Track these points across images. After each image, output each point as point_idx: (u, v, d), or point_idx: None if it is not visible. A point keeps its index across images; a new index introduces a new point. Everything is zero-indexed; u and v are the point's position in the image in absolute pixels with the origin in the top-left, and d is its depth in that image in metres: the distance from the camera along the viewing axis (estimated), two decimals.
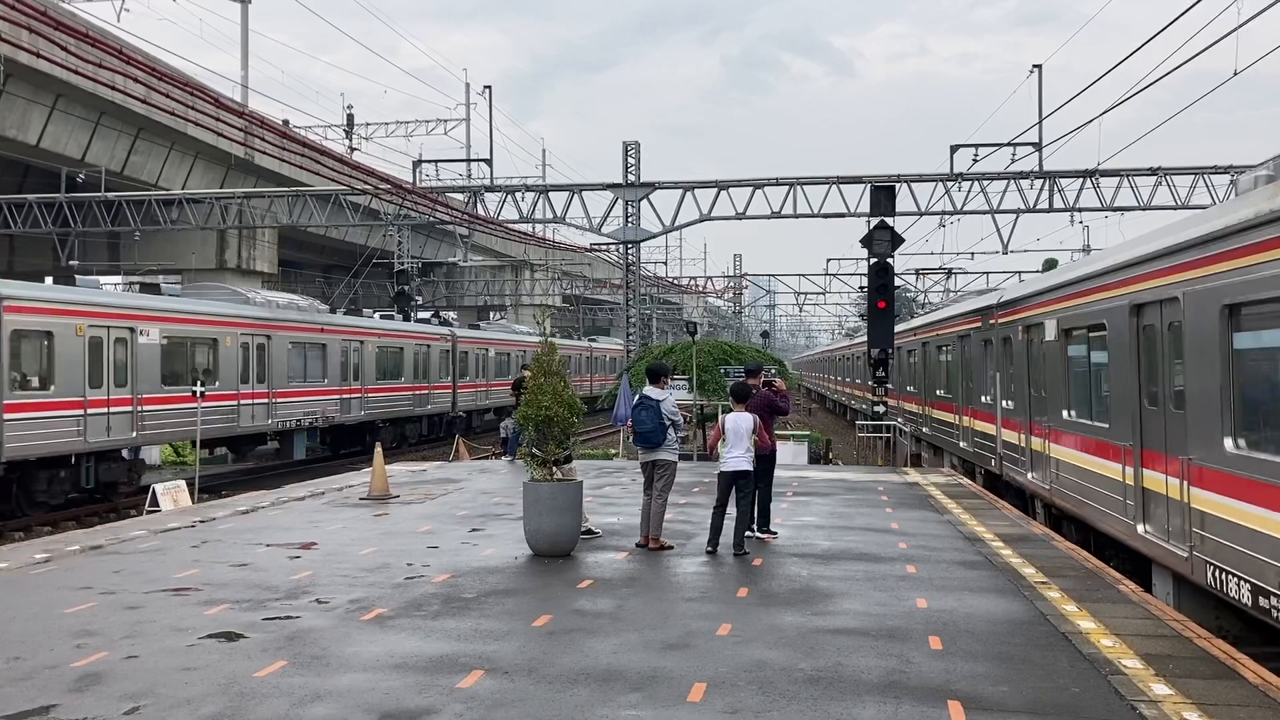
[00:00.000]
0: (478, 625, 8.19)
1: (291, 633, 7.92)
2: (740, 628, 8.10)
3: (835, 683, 6.74)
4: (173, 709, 6.15)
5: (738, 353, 26.16)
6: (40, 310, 20.07)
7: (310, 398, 29.94)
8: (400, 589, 9.53)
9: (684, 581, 10.05)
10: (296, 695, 6.41)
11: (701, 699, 6.38)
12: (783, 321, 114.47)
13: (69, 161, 33.09)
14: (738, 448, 11.32)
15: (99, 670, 6.94)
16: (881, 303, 26.02)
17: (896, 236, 26.57)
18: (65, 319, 20.59)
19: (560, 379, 11.51)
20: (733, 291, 75.74)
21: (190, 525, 13.53)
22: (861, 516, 14.26)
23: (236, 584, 9.74)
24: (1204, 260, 9.13)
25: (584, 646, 7.56)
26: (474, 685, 6.64)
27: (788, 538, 12.39)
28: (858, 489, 17.55)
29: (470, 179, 44.22)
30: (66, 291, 21.94)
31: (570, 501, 11.29)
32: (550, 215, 32.14)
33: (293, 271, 56.06)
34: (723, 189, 30.28)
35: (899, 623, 8.31)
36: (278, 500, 16.22)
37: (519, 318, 63.85)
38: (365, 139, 51.42)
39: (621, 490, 16.99)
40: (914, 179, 29.40)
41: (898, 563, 10.87)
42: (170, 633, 7.93)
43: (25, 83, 29.63)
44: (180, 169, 38.24)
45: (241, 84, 41.46)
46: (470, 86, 78.75)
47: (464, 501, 15.81)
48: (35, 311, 19.82)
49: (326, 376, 30.83)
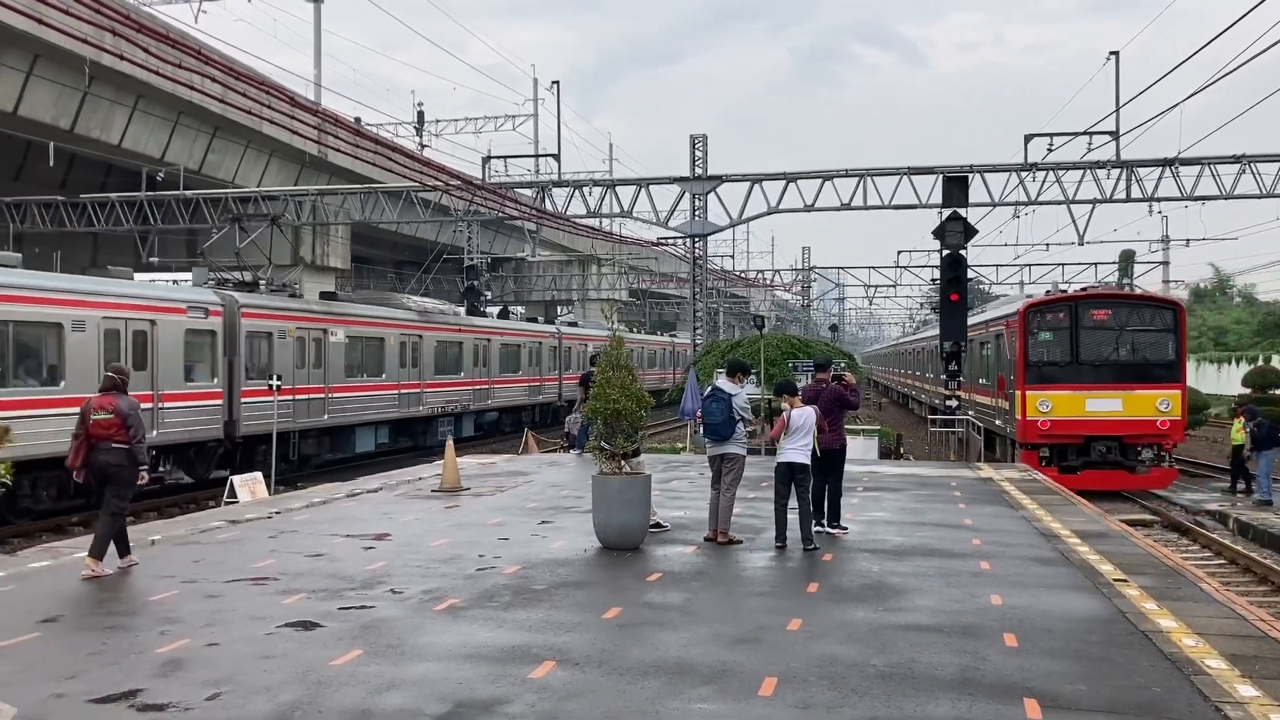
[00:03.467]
0: (548, 616, 8.24)
1: (366, 622, 8.05)
2: (811, 623, 8.06)
3: (908, 679, 6.67)
4: (252, 695, 6.29)
5: (806, 347, 25.99)
6: (265, 316, 24.88)
7: (451, 389, 34.71)
8: (472, 580, 9.63)
9: (753, 576, 10.02)
10: (372, 684, 6.52)
11: (773, 693, 6.35)
12: (852, 315, 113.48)
13: (149, 160, 33.93)
14: (797, 440, 11.27)
15: (181, 657, 7.12)
16: (954, 295, 25.65)
17: (969, 228, 26.17)
18: (282, 323, 25.53)
19: (628, 373, 11.53)
20: (801, 285, 75.19)
21: (267, 516, 13.80)
22: (933, 512, 14.09)
23: (313, 574, 9.93)
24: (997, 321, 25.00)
25: (654, 639, 7.58)
26: (546, 676, 6.69)
27: (858, 533, 12.29)
28: (929, 484, 17.34)
29: (538, 174, 44.50)
30: (285, 300, 26.63)
31: (639, 495, 11.31)
32: (617, 209, 32.24)
33: (364, 267, 56.92)
34: (791, 181, 30.10)
35: (973, 619, 8.20)
36: (351, 492, 16.48)
37: (586, 313, 64.10)
38: (435, 136, 52.02)
39: (689, 485, 16.99)
40: (987, 169, 28.96)
41: (971, 559, 10.73)
42: (249, 621, 8.11)
43: (108, 84, 30.44)
44: (255, 167, 39.00)
45: (315, 82, 42.17)
46: (538, 82, 79.11)
47: (533, 494, 15.93)
48: (260, 317, 24.56)
49: (462, 370, 35.51)
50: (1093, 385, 21.91)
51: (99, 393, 10.52)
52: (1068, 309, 22.64)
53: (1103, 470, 21.76)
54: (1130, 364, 22.10)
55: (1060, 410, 21.72)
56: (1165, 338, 22.18)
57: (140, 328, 20.95)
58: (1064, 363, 22.28)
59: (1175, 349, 22.11)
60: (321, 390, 26.73)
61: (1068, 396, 21.81)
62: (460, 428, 35.13)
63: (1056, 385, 22.01)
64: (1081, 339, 22.31)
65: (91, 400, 10.41)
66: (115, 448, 10.16)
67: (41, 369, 19.07)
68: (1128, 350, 22.28)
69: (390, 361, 30.26)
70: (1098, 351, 22.31)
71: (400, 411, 30.83)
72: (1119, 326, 22.32)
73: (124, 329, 20.52)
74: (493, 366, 37.47)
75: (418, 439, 32.34)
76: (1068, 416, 21.74)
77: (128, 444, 10.18)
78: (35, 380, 18.84)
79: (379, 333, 29.89)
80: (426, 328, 32.65)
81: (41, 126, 29.95)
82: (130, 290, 21.33)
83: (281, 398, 23.27)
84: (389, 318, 30.76)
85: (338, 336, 27.63)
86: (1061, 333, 22.45)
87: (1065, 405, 21.73)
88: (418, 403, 31.82)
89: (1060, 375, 22.13)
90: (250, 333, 24.15)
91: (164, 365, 21.50)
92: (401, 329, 31.12)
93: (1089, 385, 21.92)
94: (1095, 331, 22.33)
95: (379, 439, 29.90)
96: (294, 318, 25.88)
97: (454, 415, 34.55)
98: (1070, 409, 21.76)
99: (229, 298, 23.77)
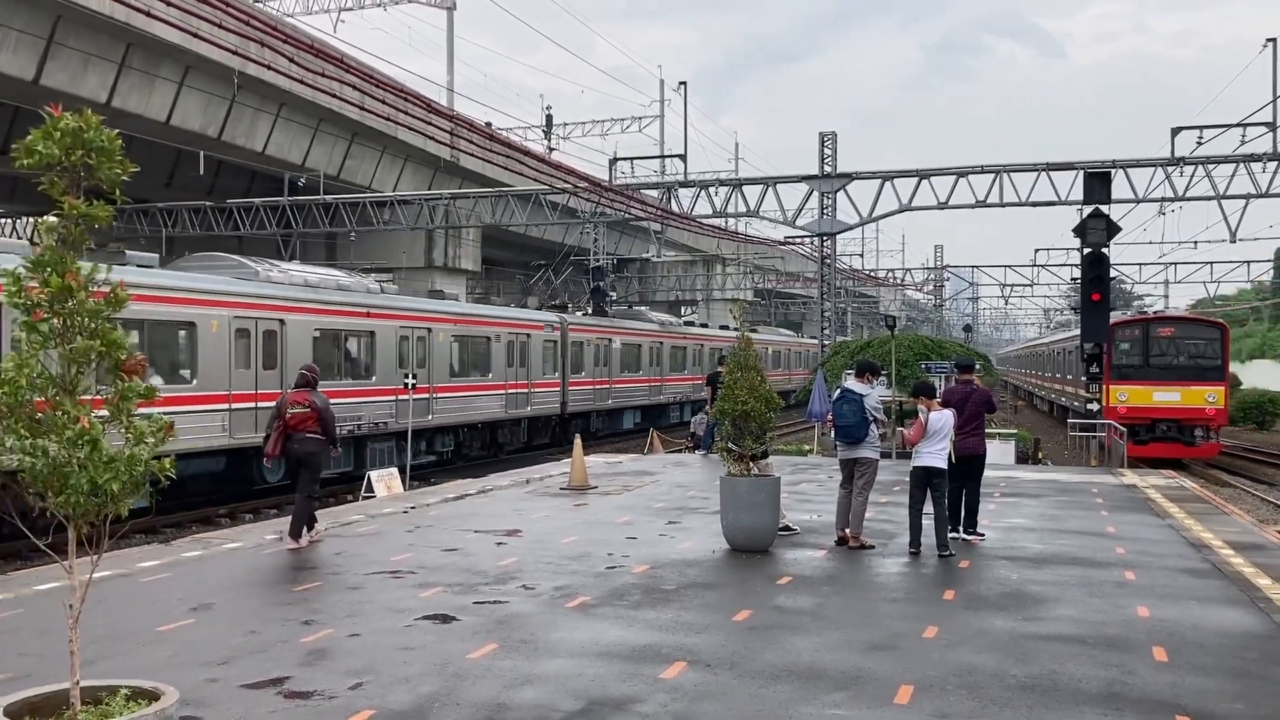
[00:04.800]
0: (678, 617, 8.24)
1: (501, 617, 8.19)
2: (947, 631, 7.87)
3: (1051, 691, 6.45)
4: (392, 686, 6.45)
5: (939, 348, 25.44)
6: (579, 330, 34.14)
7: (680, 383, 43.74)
8: (602, 578, 9.70)
9: (886, 581, 9.84)
10: (507, 678, 6.61)
11: (909, 701, 6.22)
12: (985, 315, 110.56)
13: (290, 166, 35.22)
14: (934, 444, 11.01)
15: (325, 647, 7.35)
16: (1096, 295, 24.73)
17: (1112, 225, 25.19)
18: (588, 335, 34.47)
19: (757, 373, 11.45)
20: (933, 284, 73.64)
21: (403, 511, 14.17)
22: (1074, 519, 13.62)
23: (448, 568, 10.14)
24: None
25: (785, 643, 7.50)
26: (677, 677, 6.68)
27: (995, 540, 11.96)
28: (1069, 490, 16.77)
29: (664, 175, 44.62)
30: (586, 319, 35.77)
31: (768, 497, 11.22)
32: (743, 209, 32.09)
33: (494, 269, 57.97)
34: (924, 178, 29.49)
35: (1118, 631, 7.89)
36: (483, 489, 16.81)
37: (710, 313, 63.97)
38: (563, 139, 52.70)
39: (818, 487, 16.80)
40: (1130, 164, 27.86)
41: (1115, 568, 10.32)
42: (388, 613, 8.33)
43: (253, 93, 31.70)
44: (391, 171, 40.11)
45: (447, 88, 43.16)
46: (664, 83, 79.75)
47: (660, 494, 15.97)
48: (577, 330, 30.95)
49: (685, 368, 44.32)
50: (1158, 382, 28.51)
51: (293, 389, 11.81)
52: (1141, 327, 30.01)
53: (1165, 443, 28.12)
54: (1186, 367, 28.79)
55: (1134, 400, 28.35)
56: (1213, 348, 29.01)
57: (522, 339, 30.62)
58: (1138, 365, 29.07)
59: (1220, 357, 28.95)
60: (606, 382, 36.54)
61: (1140, 390, 28.46)
62: (683, 413, 43.82)
63: (1132, 381, 28.72)
64: (1151, 348, 29.18)
65: (287, 395, 11.76)
66: (309, 437, 11.48)
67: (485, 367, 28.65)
68: (1185, 358, 29.00)
69: (645, 361, 40.22)
70: (1163, 358, 29.07)
71: (649, 399, 40.64)
72: (1178, 340, 29.26)
73: (515, 339, 30.15)
74: (705, 364, 44.95)
75: (655, 421, 39.39)
76: (1140, 404, 28.22)
77: (320, 434, 11.49)
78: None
79: (637, 340, 39.93)
80: (664, 335, 42.75)
81: (191, 135, 31.40)
82: (513, 314, 32.07)
83: (584, 388, 34.05)
84: (641, 329, 40.89)
85: (615, 344, 37.42)
86: (1137, 343, 29.39)
87: (1138, 396, 28.32)
88: (659, 393, 42.00)
89: (1135, 374, 28.89)
90: (573, 342, 33.73)
91: (534, 363, 30.78)
92: (649, 337, 41.14)
93: (1156, 382, 28.55)
94: (1161, 343, 29.24)
95: (635, 419, 39.50)
96: (593, 330, 35.82)
97: (679, 404, 43.88)
98: (1142, 399, 28.32)
99: (562, 318, 33.83)
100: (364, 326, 23.79)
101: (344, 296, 23.47)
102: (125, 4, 25.08)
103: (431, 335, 26.01)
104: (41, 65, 25.93)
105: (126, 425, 4.49)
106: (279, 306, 21.33)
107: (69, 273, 4.43)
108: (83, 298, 4.42)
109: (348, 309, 23.34)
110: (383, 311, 24.49)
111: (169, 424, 4.59)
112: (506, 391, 29.36)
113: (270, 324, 21.05)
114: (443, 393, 26.26)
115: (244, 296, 20.59)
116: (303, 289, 22.37)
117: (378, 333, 24.12)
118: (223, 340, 19.80)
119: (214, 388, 19.47)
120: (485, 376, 28.47)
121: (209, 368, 19.46)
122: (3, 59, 25.06)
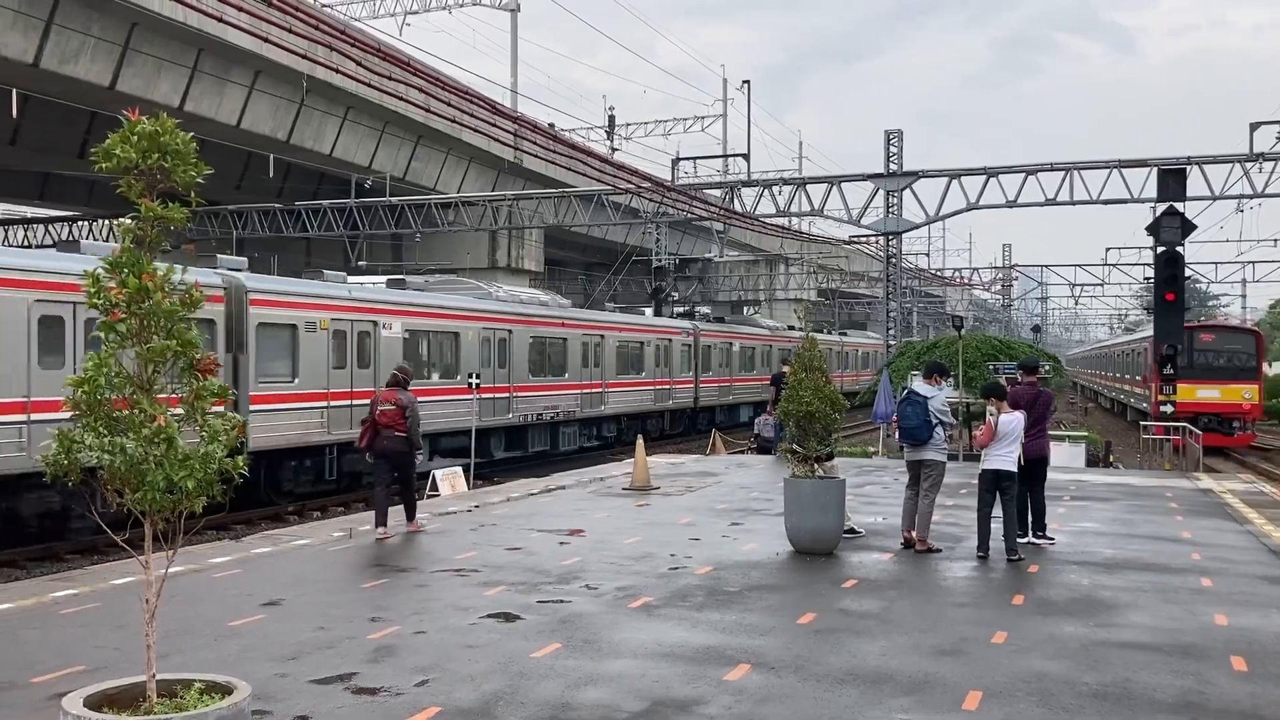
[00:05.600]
0: (742, 619, 8.20)
1: (564, 616, 8.21)
2: (1016, 636, 7.73)
3: (1124, 699, 6.31)
4: (458, 684, 6.49)
5: (1007, 348, 25.04)
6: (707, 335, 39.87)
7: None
8: (665, 579, 9.68)
9: (954, 586, 9.70)
10: (571, 678, 6.63)
11: (977, 708, 6.12)
12: (1055, 315, 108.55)
13: (357, 169, 35.70)
14: (1004, 447, 10.83)
15: (392, 643, 7.43)
16: (1170, 295, 24.12)
17: (1187, 223, 24.57)
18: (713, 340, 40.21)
19: (822, 374, 11.35)
20: (1001, 284, 72.51)
21: (468, 510, 14.28)
22: (1147, 524, 13.31)
23: (512, 567, 10.20)
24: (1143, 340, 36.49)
25: (851, 647, 7.43)
26: (741, 679, 6.64)
27: (1065, 544, 11.73)
28: (1142, 494, 16.41)
29: (727, 174, 44.49)
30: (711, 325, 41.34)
31: (833, 499, 11.12)
32: (807, 208, 31.87)
33: (556, 269, 58.22)
34: (992, 176, 29.05)
35: (1194, 639, 7.69)
36: (546, 488, 16.88)
37: (773, 312, 63.63)
38: (625, 139, 52.79)
39: (883, 489, 16.62)
40: (1207, 161, 27.19)
41: (1190, 574, 10.07)
42: (453, 611, 8.39)
43: (321, 97, 32.20)
44: (456, 173, 40.49)
45: (511, 90, 43.48)
46: (727, 83, 79.27)
47: (722, 495, 15.91)
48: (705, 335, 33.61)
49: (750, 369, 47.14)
50: (1201, 381, 31.98)
51: (385, 388, 12.49)
52: (1187, 335, 31.32)
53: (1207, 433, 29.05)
54: (1225, 368, 32.63)
55: (1180, 396, 30.15)
56: (1249, 351, 33.35)
57: (665, 343, 35.94)
58: (1184, 367, 30.95)
59: (1254, 360, 33.31)
60: (728, 380, 41.60)
61: (1185, 388, 30.67)
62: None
63: (1179, 381, 30.50)
64: (1195, 353, 32.43)
65: (380, 393, 12.50)
66: (395, 435, 12.00)
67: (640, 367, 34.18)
68: (1224, 360, 32.85)
69: (758, 361, 44.55)
70: (1204, 360, 32.79)
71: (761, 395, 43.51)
72: (1218, 346, 33.20)
73: (661, 344, 35.65)
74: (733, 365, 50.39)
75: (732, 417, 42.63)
76: (1185, 400, 30.46)
77: (406, 432, 11.99)
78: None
79: (752, 344, 44.48)
80: (773, 339, 46.66)
81: (261, 138, 31.98)
82: (659, 323, 37.96)
83: (712, 385, 39.45)
84: (755, 334, 45.65)
85: (735, 347, 42.65)
86: (1183, 349, 30.98)
87: (1184, 393, 30.31)
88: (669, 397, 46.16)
89: (1181, 375, 30.69)
90: (703, 345, 39.24)
91: (675, 364, 36.62)
92: (761, 341, 45.72)
93: (1199, 381, 31.86)
94: (1203, 348, 32.89)
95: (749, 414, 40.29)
96: (718, 335, 41.15)
97: None
98: (1187, 396, 30.74)
99: (695, 325, 39.63)
100: (559, 335, 29.50)
101: (546, 311, 29.44)
102: (198, 10, 25.60)
103: (604, 341, 31.89)
104: (117, 72, 26.58)
105: (201, 424, 4.57)
106: (508, 319, 26.92)
107: (145, 274, 4.52)
108: (159, 299, 4.51)
109: (550, 320, 29.18)
110: (573, 322, 30.59)
111: (241, 423, 4.66)
112: (655, 388, 35.45)
113: (503, 333, 26.63)
114: (613, 388, 32.30)
115: (486, 312, 26.12)
116: (519, 304, 28.25)
117: (568, 340, 29.89)
118: (474, 345, 25.25)
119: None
120: (639, 375, 34.33)
121: (467, 366, 24.46)
122: (81, 66, 25.74)
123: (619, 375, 32.74)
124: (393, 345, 22.22)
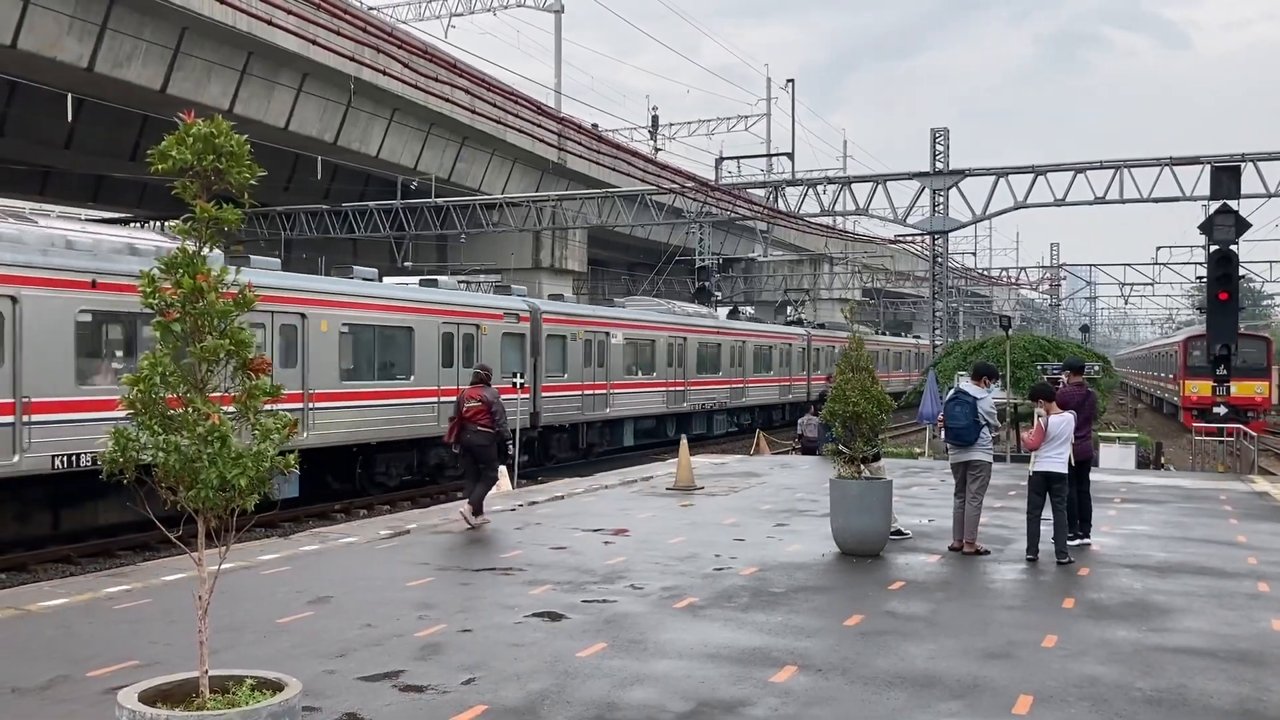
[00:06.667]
0: (788, 620, 8.16)
1: (609, 616, 8.21)
2: (1067, 640, 7.62)
3: (1179, 706, 6.20)
4: (504, 682, 6.52)
5: (1056, 348, 24.69)
6: (816, 340, 45.55)
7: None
8: (710, 579, 9.66)
9: (1002, 588, 9.59)
10: (616, 677, 6.63)
11: (1028, 712, 6.04)
12: (1104, 315, 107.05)
13: (403, 170, 35.97)
14: (1054, 448, 10.68)
15: (438, 641, 7.47)
16: (1223, 294, 23.74)
17: (1241, 221, 24.15)
18: (820, 344, 45.82)
19: (868, 374, 11.27)
20: (1049, 283, 71.64)
21: (512, 509, 14.34)
22: (1201, 527, 13.08)
23: (557, 566, 10.22)
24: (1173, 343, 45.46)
25: (898, 649, 7.36)
26: (788, 680, 6.61)
27: (1117, 547, 11.56)
28: (1195, 497, 16.13)
29: (770, 174, 44.34)
30: (816, 330, 47.02)
31: (879, 500, 11.03)
32: (852, 207, 31.69)
33: (600, 270, 58.32)
34: (1040, 174, 28.72)
35: (1251, 645, 7.55)
36: (590, 488, 16.91)
37: (817, 312, 63.31)
38: (669, 139, 52.76)
39: (930, 491, 16.48)
40: (1262, 157, 26.68)
41: (1246, 579, 9.89)
42: (499, 609, 8.42)
43: (367, 99, 32.48)
44: (500, 174, 40.67)
45: (555, 90, 43.61)
46: (771, 82, 78.91)
47: (767, 496, 15.85)
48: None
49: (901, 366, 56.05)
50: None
51: (470, 385, 13.15)
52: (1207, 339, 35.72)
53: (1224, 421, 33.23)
54: (1240, 368, 34.40)
55: (1203, 391, 35.42)
56: (1260, 354, 38.35)
57: (785, 346, 42.71)
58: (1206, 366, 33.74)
59: (1265, 360, 38.42)
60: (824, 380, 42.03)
61: (1207, 384, 33.81)
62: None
63: (1202, 378, 35.79)
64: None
65: (465, 390, 13.13)
66: (480, 430, 12.61)
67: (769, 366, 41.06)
68: (1240, 361, 34.40)
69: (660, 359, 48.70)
70: None
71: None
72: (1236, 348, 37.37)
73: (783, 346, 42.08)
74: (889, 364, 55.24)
75: None
76: (1207, 394, 33.85)
77: (491, 428, 12.60)
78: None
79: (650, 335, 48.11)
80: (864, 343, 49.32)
81: (308, 140, 32.30)
82: (780, 329, 44.50)
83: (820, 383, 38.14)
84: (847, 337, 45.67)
85: (836, 350, 44.64)
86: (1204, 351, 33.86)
87: (1206, 389, 34.30)
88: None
89: (1204, 372, 34.71)
90: (814, 348, 45.23)
91: (794, 363, 42.78)
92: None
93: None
94: None
95: None
96: (823, 340, 46.72)
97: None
98: (1208, 390, 33.39)
99: (807, 330, 45.66)
100: (714, 341, 36.18)
101: (705, 322, 36.34)
102: (248, 13, 25.93)
103: (745, 345, 38.81)
104: (168, 75, 26.97)
105: (254, 422, 4.62)
106: (682, 329, 33.80)
107: (200, 274, 4.57)
108: (213, 299, 4.56)
109: (708, 329, 36.05)
110: (725, 330, 37.61)
111: (293, 421, 4.70)
112: (779, 384, 42.07)
113: (679, 340, 33.53)
114: (751, 384, 39.20)
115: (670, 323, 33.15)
116: (687, 317, 35.13)
117: (721, 344, 36.55)
118: (663, 349, 32.36)
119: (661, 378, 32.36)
120: (768, 373, 40.95)
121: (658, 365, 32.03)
122: (133, 70, 26.15)
123: (755, 373, 39.90)
124: (615, 350, 29.58)
